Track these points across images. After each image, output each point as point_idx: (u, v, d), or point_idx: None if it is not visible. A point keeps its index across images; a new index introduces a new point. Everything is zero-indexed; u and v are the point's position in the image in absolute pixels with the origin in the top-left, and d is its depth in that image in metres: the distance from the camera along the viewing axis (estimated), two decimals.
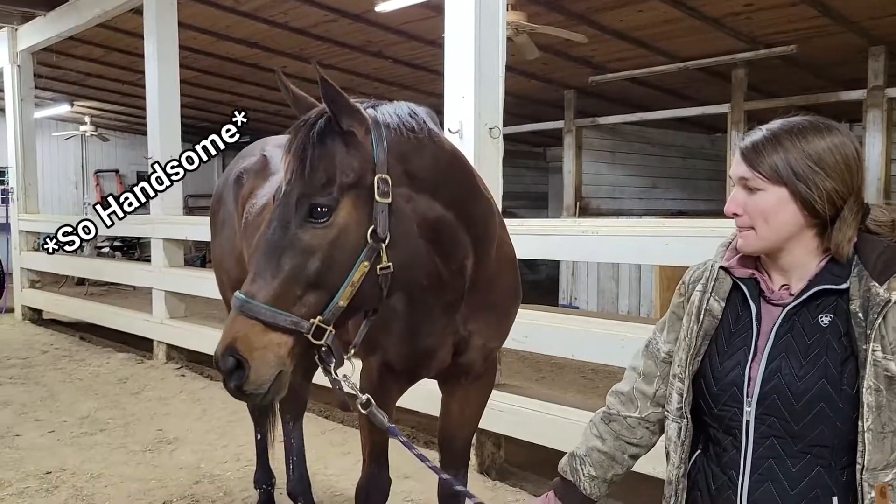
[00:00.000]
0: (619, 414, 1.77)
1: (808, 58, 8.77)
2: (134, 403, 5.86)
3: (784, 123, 1.54)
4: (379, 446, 2.55)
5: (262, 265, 1.75)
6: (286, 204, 1.77)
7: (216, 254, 3.55)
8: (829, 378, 1.45)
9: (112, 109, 15.63)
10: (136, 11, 7.61)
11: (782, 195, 1.49)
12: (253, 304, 1.69)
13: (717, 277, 1.63)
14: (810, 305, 1.51)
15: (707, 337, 1.62)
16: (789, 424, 1.48)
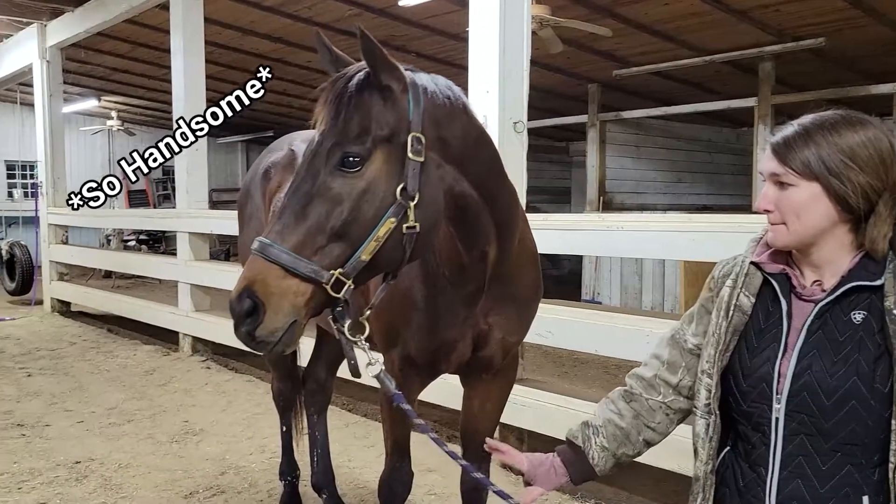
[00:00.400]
0: (641, 395, 1.75)
1: (838, 51, 8.64)
2: (160, 395, 5.94)
3: (816, 118, 1.51)
4: (401, 440, 2.56)
5: (287, 211, 1.72)
6: (317, 153, 1.75)
7: (243, 247, 3.58)
8: (861, 376, 1.43)
9: (138, 104, 15.83)
10: (163, 7, 7.68)
11: (815, 191, 1.47)
12: (274, 247, 1.66)
13: (748, 273, 1.61)
14: (843, 302, 1.49)
15: (736, 333, 1.60)
16: (820, 422, 1.46)
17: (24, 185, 16.63)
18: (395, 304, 2.31)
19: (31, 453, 4.54)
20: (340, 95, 1.77)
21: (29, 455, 4.51)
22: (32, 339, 8.31)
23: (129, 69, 12.37)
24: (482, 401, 2.59)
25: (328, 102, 1.79)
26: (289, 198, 1.74)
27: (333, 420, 5.02)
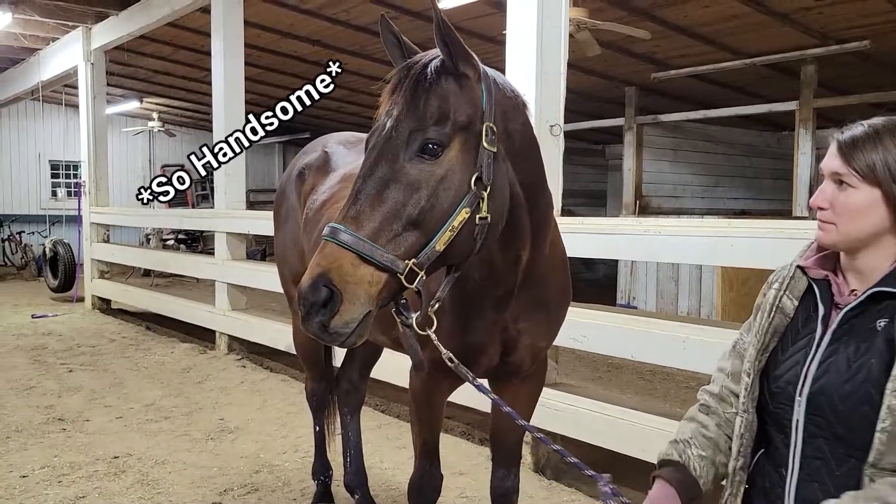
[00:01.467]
0: (716, 408, 1.75)
1: (883, 54, 8.44)
2: (197, 392, 6.02)
3: (888, 121, 1.49)
4: (431, 442, 2.56)
5: (362, 196, 1.66)
6: (393, 138, 1.70)
7: (279, 248, 3.62)
8: (872, 381, 1.42)
9: (179, 106, 16.10)
10: (204, 10, 7.81)
11: (875, 196, 1.45)
12: (348, 233, 1.61)
13: (794, 276, 1.63)
14: (872, 309, 1.48)
15: (777, 334, 1.61)
16: (835, 426, 1.46)
17: (67, 184, 17.01)
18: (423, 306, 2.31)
19: (71, 448, 4.64)
20: (418, 80, 1.75)
21: (69, 449, 4.60)
22: (74, 335, 8.50)
23: (170, 71, 12.59)
24: (511, 404, 2.57)
25: (403, 87, 1.76)
26: (363, 182, 1.69)
27: (366, 421, 5.04)
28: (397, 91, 1.77)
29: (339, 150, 3.33)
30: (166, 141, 17.87)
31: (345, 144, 3.37)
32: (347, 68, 11.23)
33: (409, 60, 1.82)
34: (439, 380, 2.38)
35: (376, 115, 1.83)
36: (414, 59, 1.82)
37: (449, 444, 4.74)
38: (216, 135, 7.48)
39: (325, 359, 3.70)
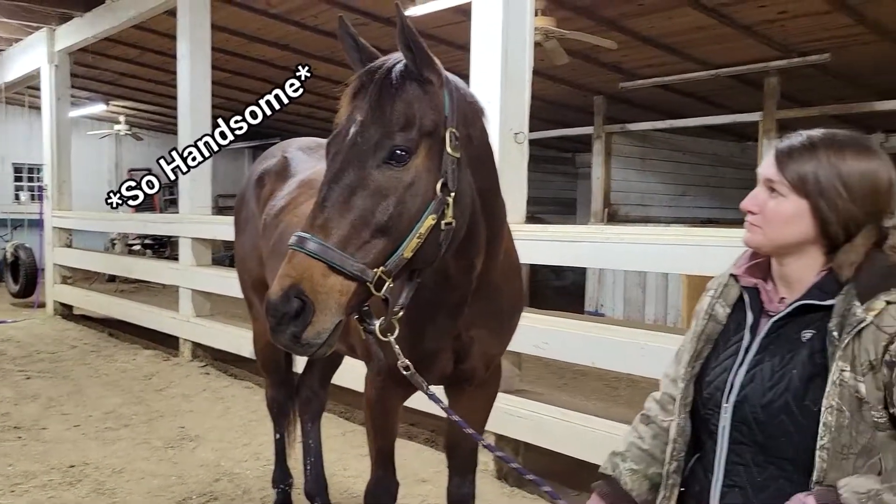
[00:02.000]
0: (656, 417, 1.78)
1: (842, 66, 8.62)
2: (158, 400, 5.93)
3: (827, 134, 1.51)
4: (386, 449, 2.54)
5: (329, 204, 1.64)
6: (358, 144, 1.68)
7: (239, 253, 3.59)
8: (792, 392, 1.44)
9: (146, 109, 15.90)
10: (171, 13, 7.72)
11: (802, 207, 1.48)
12: (316, 242, 1.59)
13: (727, 284, 1.66)
14: (798, 320, 1.50)
15: (710, 341, 1.63)
16: (756, 434, 1.49)
17: (30, 187, 16.71)
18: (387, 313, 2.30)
19: (26, 456, 4.54)
20: (383, 85, 1.73)
21: (24, 458, 4.50)
22: (33, 341, 8.33)
23: (137, 74, 12.43)
24: (466, 412, 2.56)
25: (367, 92, 1.74)
26: (329, 189, 1.67)
27: (330, 428, 5.01)
28: (360, 95, 1.76)
29: (299, 156, 3.31)
30: (133, 144, 17.60)
31: (305, 150, 3.35)
32: (317, 73, 11.14)
33: (372, 65, 1.81)
34: (393, 387, 2.37)
35: (336, 119, 1.81)
36: (376, 64, 1.81)
37: (412, 451, 4.72)
38: (182, 139, 7.40)
39: (286, 366, 3.67)
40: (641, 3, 7.28)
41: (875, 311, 1.38)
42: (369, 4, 7.99)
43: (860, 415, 1.38)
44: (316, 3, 8.03)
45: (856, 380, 1.38)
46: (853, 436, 1.38)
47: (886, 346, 1.37)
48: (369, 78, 1.77)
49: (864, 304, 1.40)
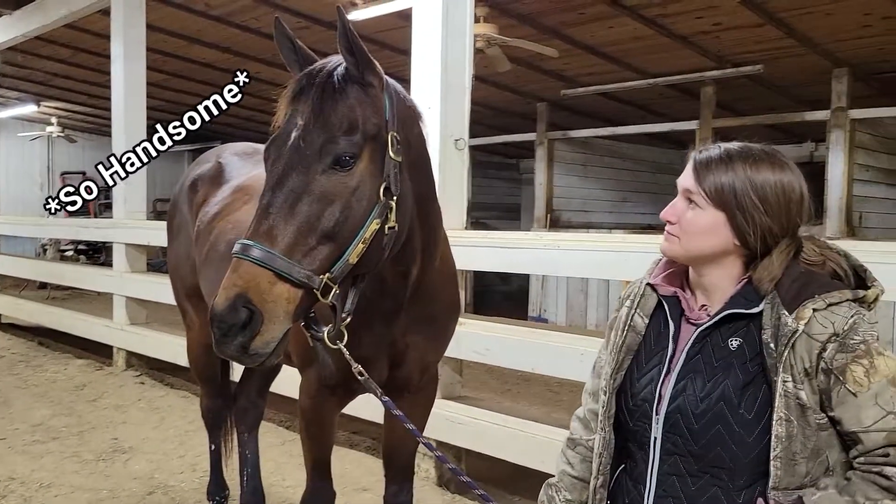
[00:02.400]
0: (581, 438, 1.77)
1: (775, 77, 8.91)
2: (90, 411, 5.73)
3: (743, 147, 1.54)
4: (321, 459, 2.51)
5: (273, 210, 1.61)
6: (301, 148, 1.65)
7: (172, 260, 3.50)
8: (726, 401, 1.46)
9: (79, 110, 15.42)
10: (104, 12, 7.51)
11: (719, 219, 1.50)
12: (264, 250, 1.55)
13: (644, 294, 1.65)
14: (723, 328, 1.51)
15: (630, 352, 1.63)
16: (690, 443, 1.49)
17: None
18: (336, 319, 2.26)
19: None
20: (325, 88, 1.70)
21: None
22: None
23: (69, 75, 12.05)
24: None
25: (308, 95, 1.71)
26: (272, 195, 1.64)
27: (270, 437, 4.92)
28: (300, 99, 1.72)
29: (234, 161, 3.25)
30: (66, 147, 17.06)
31: (240, 155, 3.29)
32: (260, 77, 11.01)
33: (312, 67, 1.78)
34: (328, 396, 2.35)
35: (274, 122, 1.77)
36: (316, 67, 1.78)
37: (353, 459, 4.67)
38: (116, 141, 7.21)
39: (222, 375, 3.59)
40: (582, 13, 7.39)
41: (804, 320, 1.41)
42: (311, 7, 7.92)
43: (805, 420, 1.41)
44: (257, 5, 7.91)
45: (796, 388, 1.40)
46: (802, 441, 1.41)
47: (819, 354, 1.40)
48: (309, 81, 1.74)
49: (792, 314, 1.42)
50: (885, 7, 6.60)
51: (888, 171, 9.70)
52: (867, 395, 1.37)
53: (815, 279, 1.47)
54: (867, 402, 1.38)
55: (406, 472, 2.63)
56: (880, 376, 1.38)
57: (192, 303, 3.36)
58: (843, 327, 1.40)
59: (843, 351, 1.39)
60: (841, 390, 1.39)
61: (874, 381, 1.37)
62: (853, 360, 1.39)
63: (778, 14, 7.02)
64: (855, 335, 1.40)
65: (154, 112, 11.01)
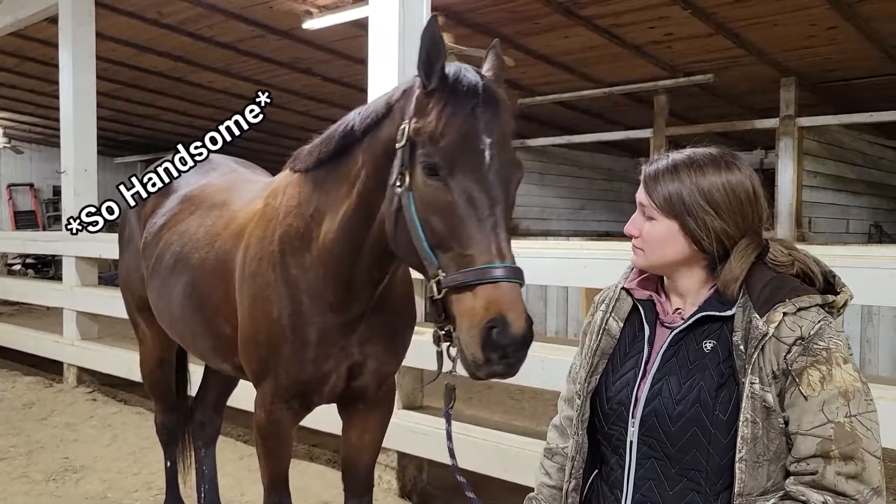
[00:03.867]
0: (558, 447, 1.78)
1: (725, 86, 9.13)
2: (39, 430, 5.55)
3: (688, 154, 1.56)
4: (279, 474, 2.47)
5: (503, 224, 1.66)
6: (502, 167, 1.69)
7: (122, 273, 3.42)
8: (702, 403, 1.47)
9: (27, 121, 15.02)
10: (52, 20, 7.33)
11: (672, 228, 1.52)
12: (518, 269, 1.63)
13: (619, 298, 1.67)
14: (697, 331, 1.53)
15: (605, 356, 1.64)
16: (666, 447, 1.50)
17: None
18: (266, 336, 2.23)
19: None
20: (500, 105, 1.77)
21: None
22: None
23: (16, 84, 11.72)
24: (361, 432, 2.53)
25: (501, 115, 1.74)
26: (502, 211, 1.66)
27: (227, 452, 4.83)
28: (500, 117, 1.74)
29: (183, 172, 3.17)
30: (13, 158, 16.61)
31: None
32: (214, 86, 10.92)
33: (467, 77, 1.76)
34: (285, 409, 2.31)
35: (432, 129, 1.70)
36: (471, 78, 1.76)
37: (314, 472, 4.61)
38: (64, 152, 7.03)
39: (177, 390, 3.51)
40: (537, 23, 7.47)
41: (775, 324, 1.42)
42: (266, 16, 7.84)
43: (769, 423, 1.42)
44: (211, 13, 7.81)
45: (763, 390, 1.42)
46: (766, 444, 1.42)
47: (785, 356, 1.42)
48: (480, 92, 1.73)
49: (763, 317, 1.44)
50: (829, 19, 6.81)
51: (835, 177, 10.00)
52: (816, 400, 1.39)
53: (787, 283, 1.49)
54: (813, 408, 1.39)
55: (365, 483, 2.59)
56: (833, 386, 1.38)
57: (144, 316, 3.28)
58: (809, 332, 1.42)
59: (804, 354, 1.41)
60: (794, 392, 1.41)
61: (826, 389, 1.38)
62: (812, 364, 1.40)
63: (727, 24, 7.19)
64: (820, 340, 1.42)
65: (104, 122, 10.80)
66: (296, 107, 11.80)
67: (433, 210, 1.67)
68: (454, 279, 1.61)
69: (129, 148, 17.41)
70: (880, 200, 11.37)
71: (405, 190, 1.73)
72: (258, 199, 2.52)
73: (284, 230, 2.23)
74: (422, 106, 1.75)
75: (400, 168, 1.76)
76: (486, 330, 1.55)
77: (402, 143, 1.76)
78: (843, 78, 8.83)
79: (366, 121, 2.00)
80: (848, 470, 1.35)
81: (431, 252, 1.68)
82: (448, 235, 1.65)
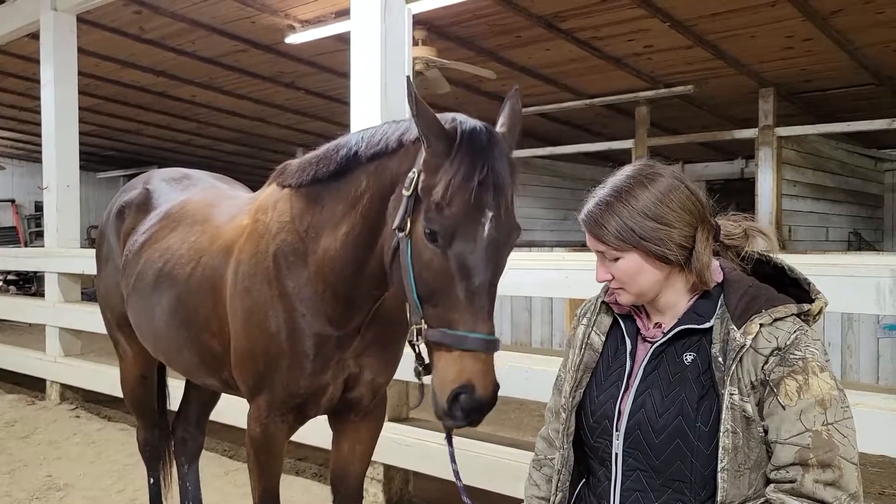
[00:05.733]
0: (546, 458, 1.79)
1: (705, 97, 9.24)
2: (21, 448, 5.50)
3: (611, 188, 1.57)
4: (271, 489, 2.48)
5: (490, 295, 1.72)
6: (504, 234, 1.75)
7: (101, 290, 3.41)
8: (684, 415, 1.49)
9: (9, 136, 14.92)
10: (33, 36, 7.31)
11: (637, 258, 1.54)
12: (495, 340, 1.70)
13: (599, 312, 1.69)
14: (677, 343, 1.55)
15: (588, 370, 1.66)
16: (651, 458, 1.51)
17: None
18: (263, 350, 2.24)
19: None
20: (508, 170, 1.80)
21: None
22: None
23: None
24: (352, 443, 2.55)
25: (502, 178, 1.75)
26: (490, 286, 1.71)
27: (213, 467, 4.80)
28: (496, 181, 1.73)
29: (162, 188, 3.18)
30: None
31: (168, 181, 3.23)
32: (196, 100, 10.90)
33: (478, 137, 1.76)
34: (280, 423, 2.32)
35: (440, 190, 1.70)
36: (482, 138, 1.76)
37: (300, 486, 4.59)
38: (46, 167, 7.00)
39: (159, 406, 3.50)
40: (519, 35, 7.53)
41: (752, 335, 1.45)
42: (249, 31, 7.86)
43: (749, 432, 1.44)
44: (194, 28, 7.81)
45: (742, 401, 1.44)
46: (746, 453, 1.44)
47: (763, 367, 1.44)
48: (490, 159, 1.73)
49: (741, 329, 1.46)
50: (805, 30, 6.92)
51: (814, 185, 10.13)
52: (794, 409, 1.41)
53: (763, 293, 1.52)
54: (791, 417, 1.41)
55: (355, 495, 2.60)
56: (810, 395, 1.41)
57: (125, 333, 3.27)
58: (785, 342, 1.44)
59: (781, 364, 1.43)
60: (773, 402, 1.43)
61: (803, 398, 1.41)
62: (789, 374, 1.42)
63: (706, 36, 7.29)
64: (796, 350, 1.44)
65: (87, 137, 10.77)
66: (279, 120, 11.81)
67: (426, 267, 1.73)
68: (434, 336, 1.70)
69: (113, 163, 17.32)
70: (859, 208, 11.52)
71: (405, 237, 1.78)
72: (242, 214, 2.53)
73: (278, 246, 2.25)
74: (431, 165, 1.76)
75: (403, 215, 1.79)
76: (455, 393, 1.65)
77: (409, 192, 1.79)
78: (820, 88, 8.96)
79: (373, 148, 2.02)
80: (826, 477, 1.38)
81: (419, 301, 1.75)
82: (436, 293, 1.71)
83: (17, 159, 17.13)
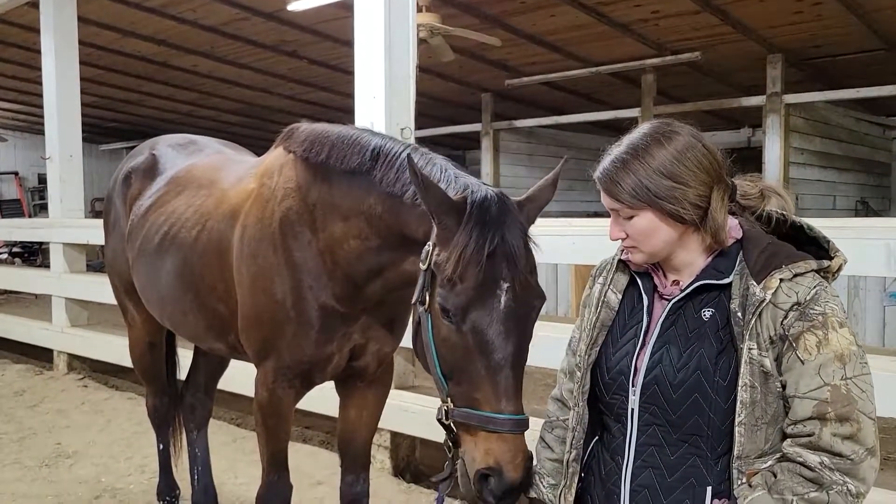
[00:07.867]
0: (558, 419, 1.79)
1: (712, 64, 9.11)
2: (30, 417, 5.55)
3: (627, 145, 1.55)
4: (278, 453, 2.50)
5: (518, 371, 1.65)
6: (524, 305, 1.66)
7: (109, 257, 3.41)
8: (703, 370, 1.49)
9: (10, 108, 14.84)
10: (33, 5, 7.23)
11: (651, 217, 1.52)
12: (525, 419, 1.64)
13: (616, 270, 1.68)
14: (695, 300, 1.55)
15: (604, 328, 1.65)
16: (668, 413, 1.52)
17: None
18: (269, 316, 2.24)
19: None
20: (525, 248, 1.75)
21: None
22: None
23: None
24: (359, 409, 2.56)
25: (518, 247, 1.70)
26: (515, 356, 1.63)
27: (221, 435, 4.85)
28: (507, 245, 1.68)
29: (168, 153, 3.16)
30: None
31: (174, 147, 3.21)
32: (197, 70, 10.81)
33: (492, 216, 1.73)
34: (287, 388, 2.33)
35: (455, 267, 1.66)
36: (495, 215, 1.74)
37: (307, 453, 4.63)
38: (49, 139, 6.98)
39: (168, 373, 3.52)
40: (524, 2, 7.43)
41: (772, 290, 1.44)
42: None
43: (767, 387, 1.44)
44: None
45: (761, 355, 1.44)
46: (763, 407, 1.45)
47: (782, 322, 1.44)
48: (503, 228, 1.70)
49: (760, 284, 1.46)
50: None
51: (821, 153, 10.04)
52: (812, 364, 1.41)
53: (783, 250, 1.51)
54: (810, 371, 1.41)
55: (363, 461, 2.62)
56: (829, 350, 1.41)
57: (133, 299, 3.28)
58: (805, 297, 1.44)
59: (801, 319, 1.43)
60: (791, 356, 1.43)
61: (822, 353, 1.41)
62: (809, 328, 1.42)
63: (714, 1, 7.18)
64: (816, 305, 1.44)
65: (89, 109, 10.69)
66: (282, 90, 11.72)
67: (444, 344, 1.68)
68: (460, 416, 1.65)
69: (115, 135, 17.24)
70: (866, 176, 11.44)
71: (425, 311, 1.73)
72: (249, 178, 2.52)
73: (284, 213, 2.24)
74: (442, 239, 1.72)
75: (421, 290, 1.75)
76: (483, 475, 1.61)
77: (425, 266, 1.75)
78: (828, 54, 8.83)
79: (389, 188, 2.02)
80: (843, 431, 1.38)
81: (444, 378, 1.70)
82: (458, 371, 1.66)
83: (20, 131, 17.07)
